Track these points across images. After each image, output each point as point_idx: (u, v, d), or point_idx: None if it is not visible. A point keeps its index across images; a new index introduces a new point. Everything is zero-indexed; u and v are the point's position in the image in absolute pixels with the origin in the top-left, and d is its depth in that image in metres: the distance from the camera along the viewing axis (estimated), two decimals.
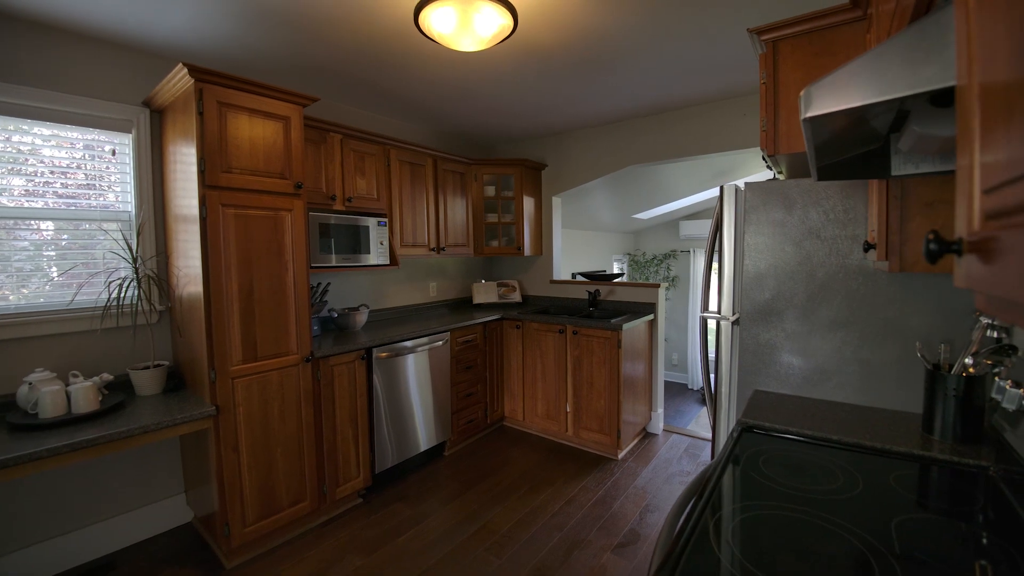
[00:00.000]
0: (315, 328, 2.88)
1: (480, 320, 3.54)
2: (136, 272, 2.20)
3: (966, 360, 1.22)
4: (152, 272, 2.33)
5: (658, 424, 3.76)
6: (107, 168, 2.28)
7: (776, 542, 0.87)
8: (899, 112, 0.88)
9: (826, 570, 0.79)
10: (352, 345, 2.61)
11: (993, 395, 1.13)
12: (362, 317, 3.10)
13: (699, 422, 4.60)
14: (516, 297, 4.37)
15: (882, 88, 0.60)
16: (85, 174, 2.22)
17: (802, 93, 0.69)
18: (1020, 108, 0.35)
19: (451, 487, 2.89)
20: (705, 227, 6.13)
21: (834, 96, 0.65)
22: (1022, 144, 0.35)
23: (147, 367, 2.17)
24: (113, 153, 2.29)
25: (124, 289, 2.18)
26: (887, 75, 0.61)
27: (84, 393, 1.87)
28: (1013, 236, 0.38)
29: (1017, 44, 0.35)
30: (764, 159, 1.62)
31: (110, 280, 2.21)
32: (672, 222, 6.62)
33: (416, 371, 3.03)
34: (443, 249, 3.64)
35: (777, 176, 2.02)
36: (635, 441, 3.55)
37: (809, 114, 0.68)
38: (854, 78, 0.63)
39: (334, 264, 2.78)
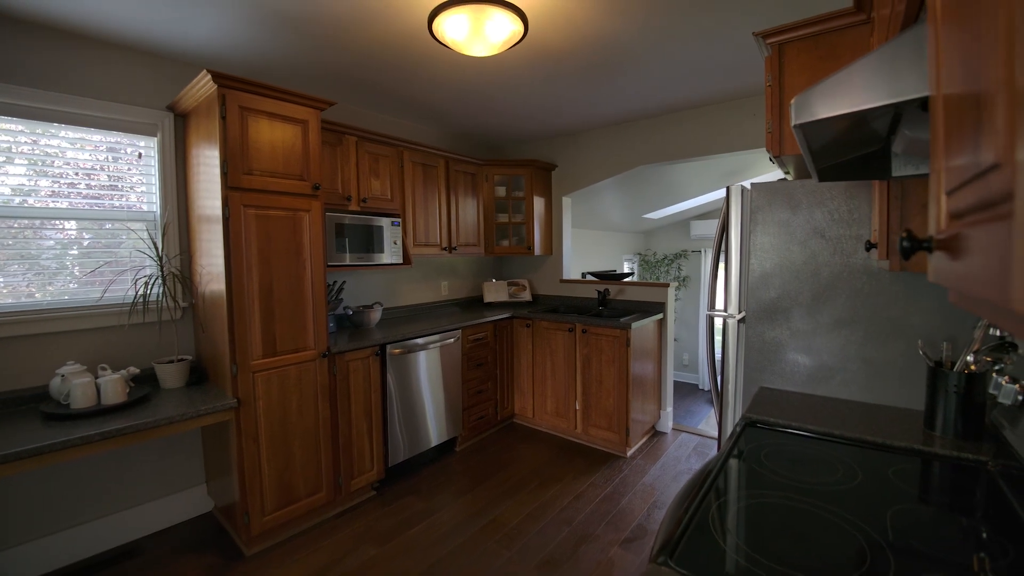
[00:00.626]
0: (331, 325, 2.96)
1: (491, 318, 3.59)
2: (161, 270, 2.29)
3: (967, 358, 1.24)
4: (176, 270, 2.42)
5: (667, 423, 3.78)
6: (129, 170, 2.37)
7: (774, 528, 0.91)
8: (895, 115, 0.91)
9: (821, 555, 0.83)
10: (367, 342, 2.69)
11: (991, 391, 1.15)
12: (376, 315, 3.17)
13: (709, 422, 4.61)
14: (526, 296, 4.41)
15: (863, 97, 0.63)
16: (108, 175, 2.32)
17: (792, 101, 0.73)
18: (970, 119, 0.39)
19: (462, 482, 2.95)
20: (715, 227, 6.12)
21: (822, 104, 0.69)
22: (972, 151, 0.39)
23: (171, 361, 2.27)
24: (139, 156, 2.39)
25: (150, 286, 2.27)
26: (873, 83, 0.65)
27: (112, 385, 1.96)
28: (970, 234, 0.42)
29: (965, 61, 0.39)
30: (771, 160, 1.65)
31: (137, 278, 2.30)
32: (683, 222, 6.62)
33: (428, 368, 3.09)
34: (455, 248, 3.70)
35: (786, 176, 2.04)
36: (644, 439, 3.57)
37: (798, 121, 0.72)
38: (838, 87, 0.66)
39: (349, 263, 2.86)
